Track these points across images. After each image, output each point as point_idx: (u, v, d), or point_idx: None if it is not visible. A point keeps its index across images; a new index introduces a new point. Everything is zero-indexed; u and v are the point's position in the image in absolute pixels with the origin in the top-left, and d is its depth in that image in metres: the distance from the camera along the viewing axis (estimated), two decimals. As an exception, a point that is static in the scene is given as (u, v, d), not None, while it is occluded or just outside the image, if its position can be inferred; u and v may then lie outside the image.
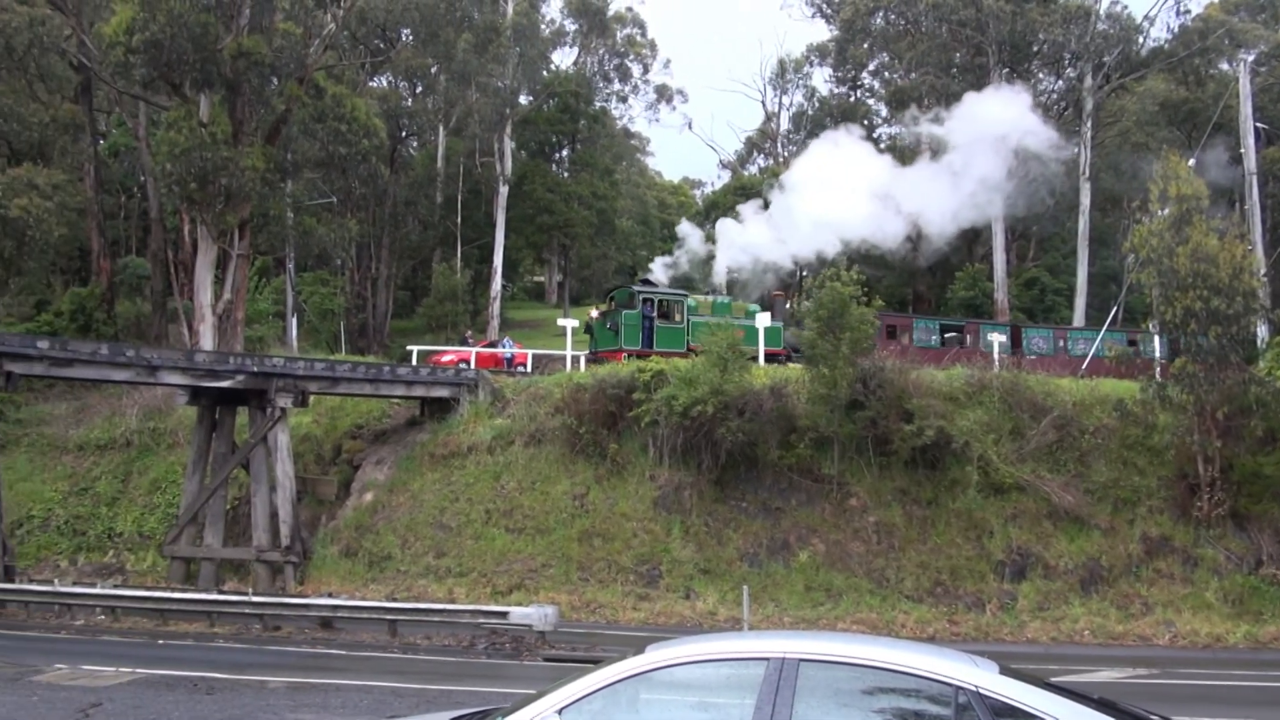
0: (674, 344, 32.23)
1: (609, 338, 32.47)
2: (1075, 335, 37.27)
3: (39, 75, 37.57)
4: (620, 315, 32.19)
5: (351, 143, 34.71)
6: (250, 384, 24.63)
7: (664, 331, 32.37)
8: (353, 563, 24.88)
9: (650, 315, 32.25)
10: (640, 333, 31.96)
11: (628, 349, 31.40)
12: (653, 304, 32.53)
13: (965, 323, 38.22)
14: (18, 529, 27.84)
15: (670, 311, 32.75)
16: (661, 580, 22.96)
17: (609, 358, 31.43)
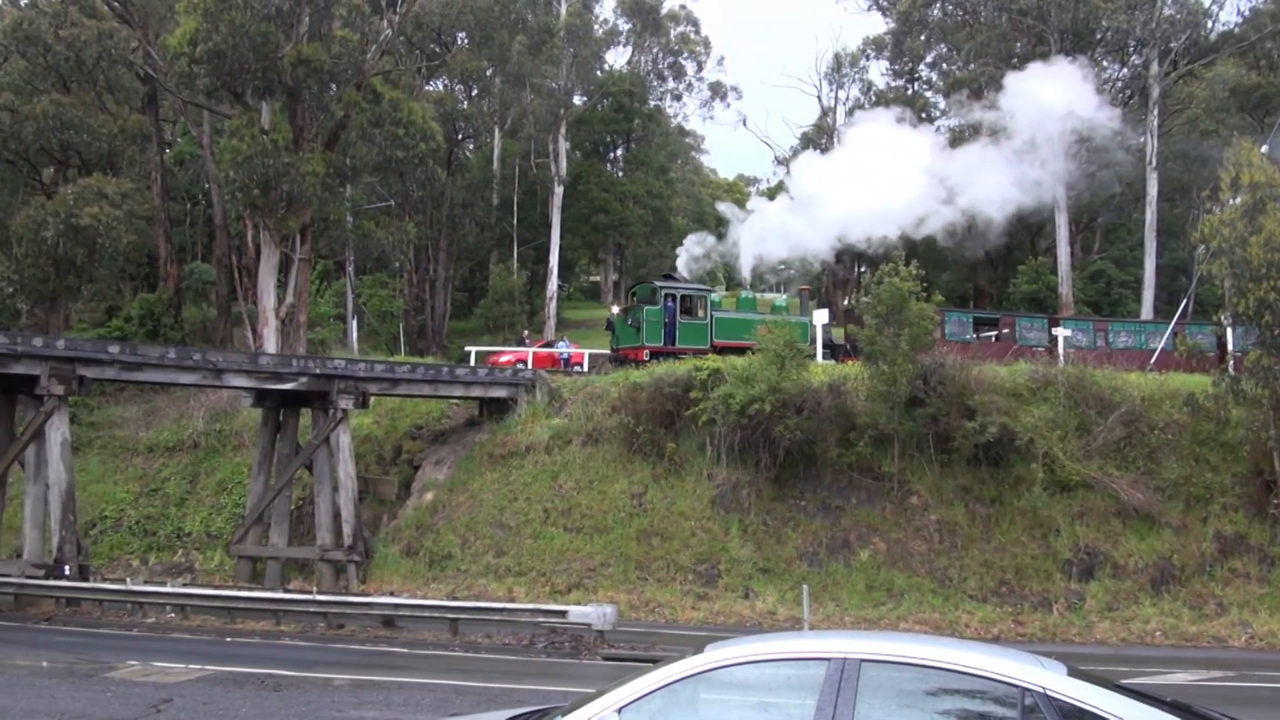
0: (697, 341, 31.55)
1: (630, 335, 31.86)
2: (1118, 328, 36.25)
3: (107, 87, 38.57)
4: (642, 312, 31.50)
5: (409, 146, 35.09)
6: (313, 386, 25.02)
7: (687, 328, 31.65)
8: (414, 562, 25.15)
9: (673, 311, 31.57)
10: (662, 329, 31.33)
11: (649, 346, 30.89)
12: (675, 300, 31.79)
13: (1000, 316, 37.26)
14: (91, 529, 28.63)
15: (693, 307, 32.04)
16: (720, 579, 22.85)
17: (630, 355, 31.19)
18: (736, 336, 31.94)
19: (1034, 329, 34.08)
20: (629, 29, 54.24)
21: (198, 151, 44.55)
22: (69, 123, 35.17)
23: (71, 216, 32.81)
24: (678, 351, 30.90)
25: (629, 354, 31.39)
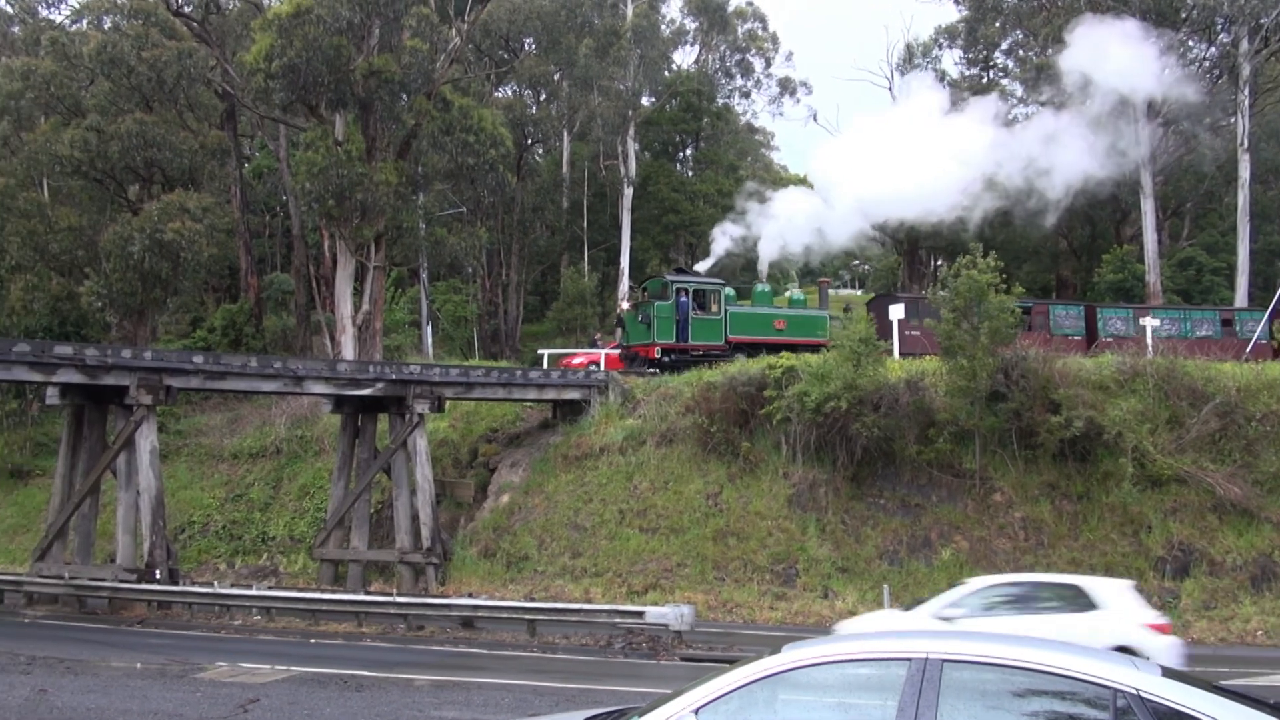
0: (711, 337, 30.80)
1: (641, 331, 30.96)
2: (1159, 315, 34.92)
3: (188, 105, 39.70)
4: (652, 307, 30.58)
5: (479, 153, 35.41)
6: (389, 391, 25.36)
7: (700, 324, 30.78)
8: (491, 563, 25.34)
9: (686, 306, 30.67)
10: (674, 325, 30.43)
11: (660, 343, 30.15)
12: (688, 294, 30.84)
13: (1033, 303, 36.15)
14: (180, 534, 29.45)
15: (707, 302, 31.09)
16: (798, 579, 22.55)
17: (640, 353, 30.61)
18: (753, 332, 31.50)
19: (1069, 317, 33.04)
20: (696, 28, 54.07)
21: (275, 164, 45.63)
22: (152, 141, 36.26)
23: (156, 232, 33.82)
24: (690, 348, 30.41)
25: (640, 351, 30.70)
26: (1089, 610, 12.82)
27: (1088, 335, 33.90)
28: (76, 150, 35.39)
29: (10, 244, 36.27)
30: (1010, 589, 13.67)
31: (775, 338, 31.50)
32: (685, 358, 30.45)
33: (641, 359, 30.67)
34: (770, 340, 31.29)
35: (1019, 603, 13.21)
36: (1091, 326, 33.94)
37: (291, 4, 32.12)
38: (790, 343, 31.50)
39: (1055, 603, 13.19)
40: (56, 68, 36.39)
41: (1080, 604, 13.00)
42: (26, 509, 33.71)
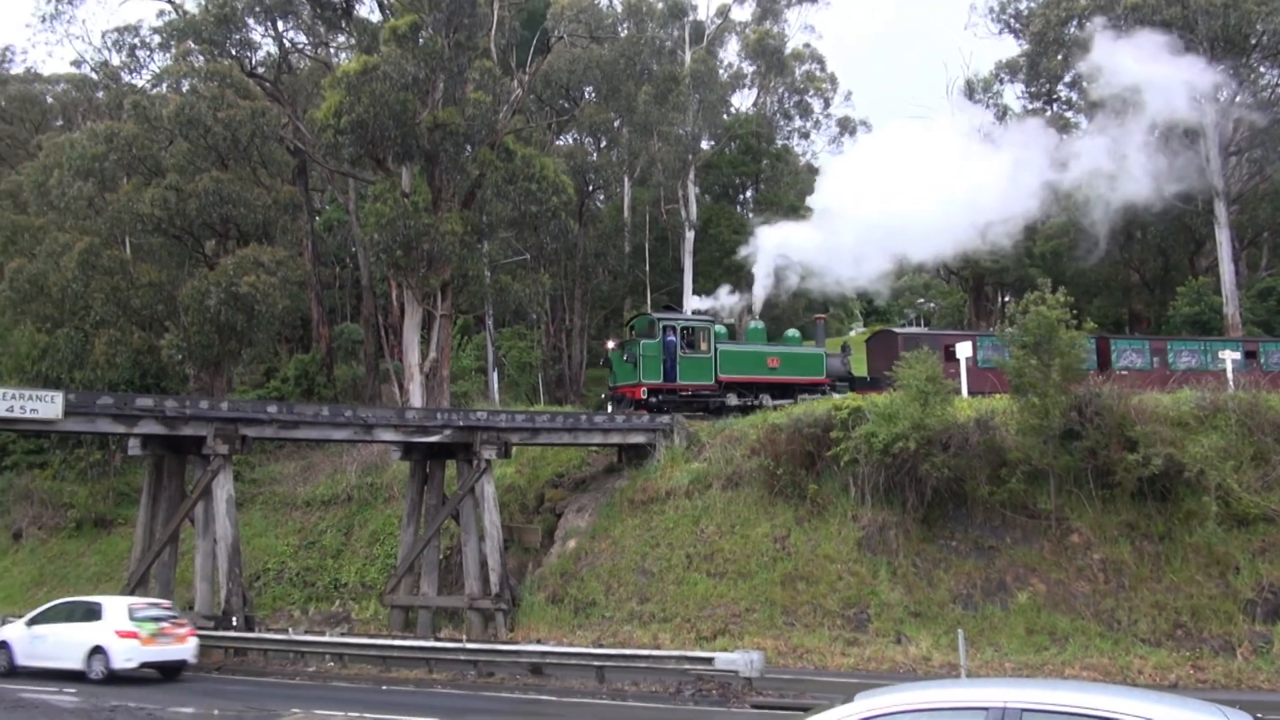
0: (701, 376, 29.97)
1: (627, 371, 30.03)
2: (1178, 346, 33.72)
3: (261, 162, 40.99)
4: (638, 346, 29.70)
5: (542, 201, 35.93)
6: (457, 438, 25.65)
7: (689, 362, 29.90)
8: (559, 609, 25.30)
9: (673, 345, 29.85)
10: (661, 365, 29.56)
11: (647, 383, 29.28)
12: (676, 332, 29.96)
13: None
14: (255, 581, 29.96)
15: (696, 340, 30.25)
16: (870, 624, 22.13)
17: (626, 394, 29.79)
18: (745, 371, 30.79)
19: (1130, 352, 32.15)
20: (753, 71, 54.36)
21: (344, 217, 46.80)
22: (228, 197, 37.47)
23: (232, 285, 34.83)
24: (678, 388, 29.73)
25: (626, 392, 29.85)
26: (95, 621, 19.00)
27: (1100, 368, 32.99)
28: (157, 209, 36.69)
29: (95, 300, 37.62)
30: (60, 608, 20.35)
31: (769, 377, 30.98)
32: (673, 398, 29.74)
33: (628, 400, 29.69)
34: (764, 380, 30.83)
35: (63, 617, 19.70)
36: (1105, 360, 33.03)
37: (359, 62, 33.14)
38: (785, 382, 31.07)
39: (80, 616, 19.37)
40: (138, 130, 37.87)
41: (92, 616, 19.14)
42: (109, 557, 34.64)
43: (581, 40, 42.75)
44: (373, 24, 38.35)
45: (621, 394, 30.06)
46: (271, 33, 41.15)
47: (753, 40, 50.25)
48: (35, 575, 35.65)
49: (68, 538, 36.77)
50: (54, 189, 38.66)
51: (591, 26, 41.78)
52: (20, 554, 37.30)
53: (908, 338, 34.00)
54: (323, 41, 42.91)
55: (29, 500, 38.24)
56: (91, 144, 37.57)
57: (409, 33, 32.88)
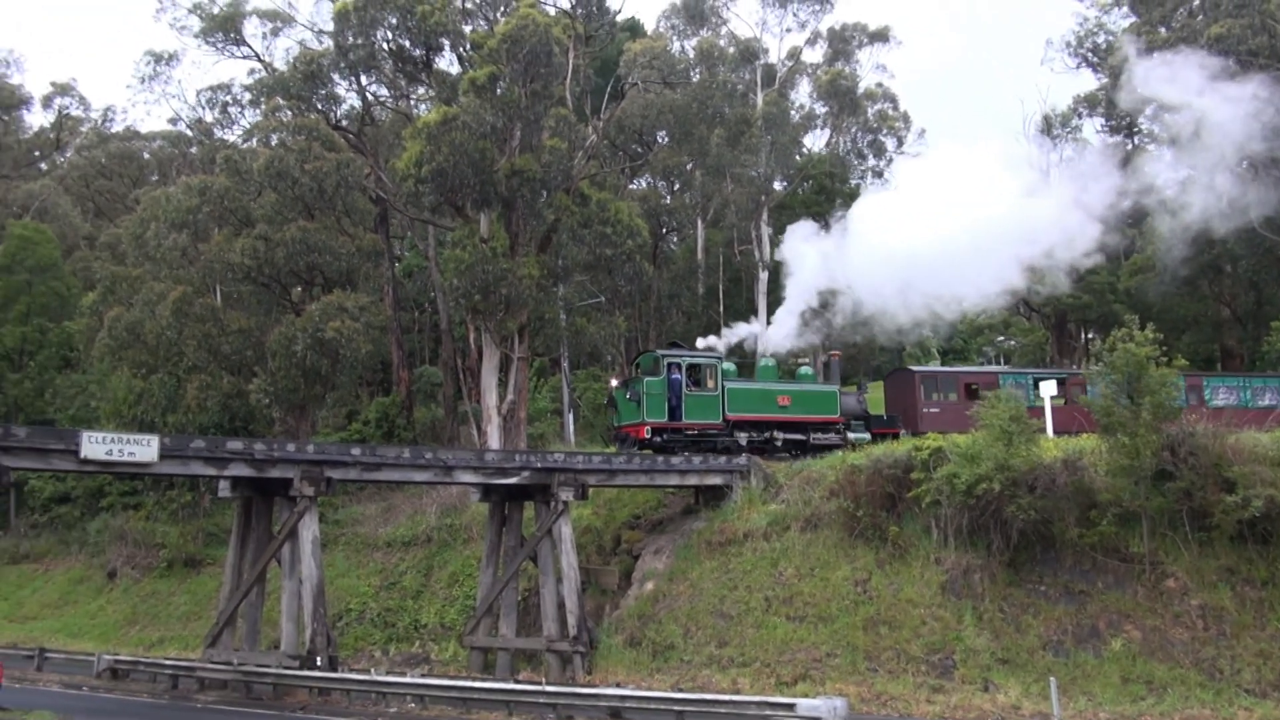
0: (707, 415, 29.23)
1: (631, 410, 29.29)
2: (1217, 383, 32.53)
3: (345, 211, 42.24)
4: (642, 384, 28.99)
5: (616, 244, 36.35)
6: (535, 479, 25.85)
7: (695, 401, 29.16)
8: (637, 652, 25.16)
9: (679, 383, 29.12)
10: (665, 403, 28.81)
11: (651, 422, 28.56)
12: (681, 370, 29.20)
13: (1068, 374, 33.65)
14: (339, 621, 30.42)
15: (702, 378, 29.49)
16: (956, 671, 21.56)
17: (630, 433, 29.10)
18: (754, 409, 30.12)
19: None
20: (825, 112, 54.48)
21: (424, 263, 47.88)
22: (313, 246, 38.65)
23: (317, 331, 35.81)
24: (684, 427, 29.04)
25: (629, 432, 29.14)
26: None
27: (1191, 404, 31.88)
28: (246, 258, 38.00)
29: (188, 346, 38.98)
30: None
31: (779, 415, 30.33)
32: (678, 438, 29.07)
33: (632, 440, 29.06)
34: (774, 418, 30.19)
35: None
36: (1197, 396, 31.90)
37: (439, 112, 34.07)
38: (796, 420, 30.40)
39: None
40: (229, 183, 39.38)
41: None
42: (199, 596, 35.53)
43: (654, 86, 43.35)
44: (452, 76, 39.42)
45: (625, 434, 29.36)
46: (355, 87, 42.60)
47: (824, 81, 50.43)
48: (129, 614, 36.71)
49: (159, 577, 37.85)
50: (150, 240, 40.36)
51: (664, 72, 42.35)
52: (114, 593, 38.48)
53: (925, 376, 33.35)
54: (404, 94, 44.22)
55: (123, 540, 39.55)
56: (186, 197, 39.16)
57: (487, 83, 33.74)
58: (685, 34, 52.55)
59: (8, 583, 39.93)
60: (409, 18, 36.70)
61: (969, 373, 33.92)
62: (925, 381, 32.70)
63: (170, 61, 49.47)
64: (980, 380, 32.97)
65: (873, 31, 54.15)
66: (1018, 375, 33.58)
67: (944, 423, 31.69)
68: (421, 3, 36.52)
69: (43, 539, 43.59)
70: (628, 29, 50.46)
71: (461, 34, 38.55)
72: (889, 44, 54.34)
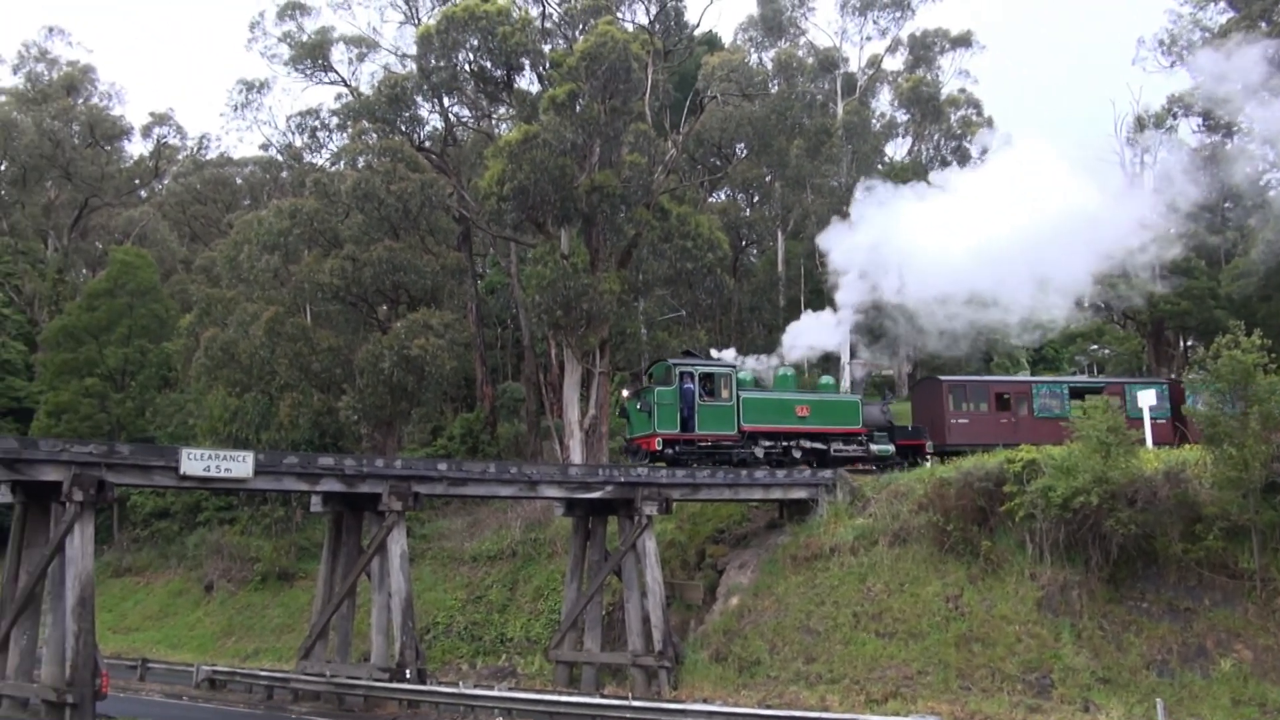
0: (721, 425, 28.15)
1: (642, 421, 28.22)
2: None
3: (429, 230, 43.02)
4: (653, 394, 27.86)
5: (696, 258, 36.31)
6: (618, 494, 25.85)
7: (709, 411, 28.06)
8: (723, 668, 24.92)
9: (691, 393, 28.09)
10: (678, 414, 27.74)
11: (662, 433, 27.48)
12: (694, 379, 28.16)
13: (1106, 383, 32.07)
14: (426, 634, 30.81)
15: (716, 387, 28.38)
16: (1054, 690, 20.85)
17: (642, 445, 28.19)
18: (771, 420, 29.07)
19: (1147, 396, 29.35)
20: (907, 119, 53.78)
21: (506, 280, 48.45)
22: (399, 265, 39.44)
23: (403, 348, 36.47)
24: (697, 439, 27.99)
25: (641, 444, 28.21)
26: None
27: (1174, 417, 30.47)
28: (335, 278, 38.94)
29: (280, 365, 40.05)
30: None
31: (797, 426, 29.24)
32: (692, 449, 28.10)
33: (643, 452, 28.23)
34: (792, 429, 29.15)
35: None
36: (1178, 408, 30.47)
37: (520, 131, 34.51)
38: (816, 431, 29.38)
39: None
40: (318, 205, 40.43)
41: None
42: (292, 609, 36.35)
43: (733, 98, 43.29)
44: (532, 95, 39.91)
45: (638, 446, 28.58)
46: (438, 108, 43.38)
47: (906, 88, 49.80)
48: (225, 626, 37.73)
49: (254, 590, 38.84)
50: (244, 263, 41.63)
51: (742, 84, 42.26)
52: (211, 605, 39.60)
53: (953, 385, 32.08)
54: (485, 114, 44.92)
55: (219, 554, 40.71)
56: (277, 220, 40.32)
57: (567, 101, 34.07)
58: (763, 46, 52.43)
59: (111, 595, 41.37)
60: (490, 39, 37.27)
61: (1000, 382, 32.81)
62: (954, 391, 31.53)
63: (261, 89, 51.07)
64: (1012, 390, 31.90)
65: (955, 37, 53.33)
66: (1053, 385, 32.35)
67: (973, 434, 30.78)
68: (502, 24, 37.07)
69: (144, 553, 45.12)
70: (705, 43, 50.48)
71: (541, 53, 39.03)
72: (971, 49, 53.46)
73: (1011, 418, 30.54)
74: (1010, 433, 30.52)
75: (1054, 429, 29.79)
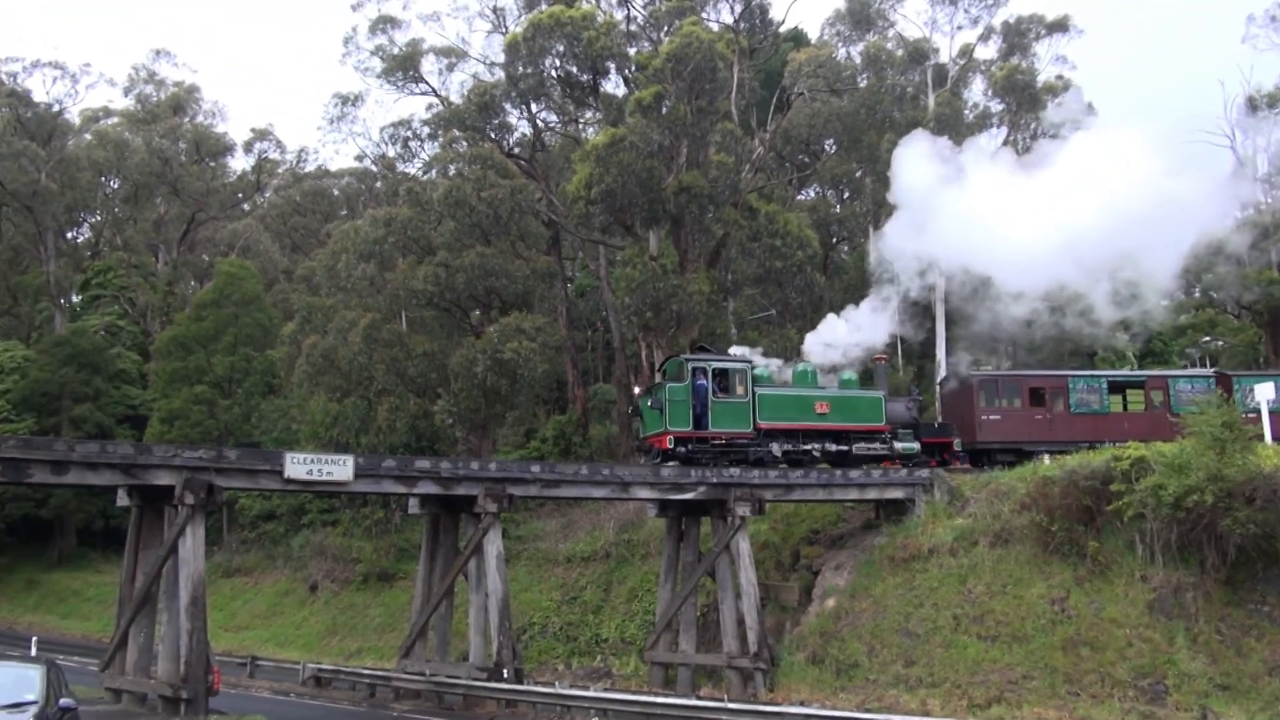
0: (736, 423, 27.08)
1: (654, 419, 27.26)
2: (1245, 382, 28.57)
3: (519, 235, 43.54)
4: (664, 391, 26.95)
5: (786, 256, 35.99)
6: (711, 495, 25.74)
7: (724, 408, 27.01)
8: (820, 670, 24.61)
9: (704, 389, 27.03)
10: (690, 411, 26.69)
11: (674, 431, 26.44)
12: (708, 375, 27.15)
13: (1149, 376, 30.27)
14: (522, 634, 31.14)
15: (731, 384, 27.29)
16: (1168, 697, 20.04)
17: (654, 444, 27.27)
18: (788, 417, 27.92)
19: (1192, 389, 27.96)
20: (1002, 109, 52.34)
21: (595, 283, 48.74)
22: (490, 270, 39.99)
23: (496, 352, 36.97)
24: (710, 437, 26.93)
25: (653, 443, 27.31)
26: None
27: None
28: (429, 284, 39.69)
29: (377, 370, 41.00)
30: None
31: (817, 423, 28.12)
32: (705, 448, 27.09)
33: (655, 451, 27.35)
34: (811, 426, 28.07)
35: None
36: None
37: (607, 134, 34.69)
38: (836, 429, 28.30)
39: None
40: (412, 213, 41.28)
41: None
42: (392, 609, 37.15)
43: (820, 94, 42.76)
44: (618, 98, 40.08)
45: (650, 444, 27.82)
46: (526, 115, 43.88)
47: (1000, 77, 48.46)
48: (329, 625, 38.76)
49: (356, 590, 39.81)
50: (341, 271, 42.71)
51: (830, 80, 41.70)
52: (316, 605, 40.72)
53: (984, 381, 30.78)
54: (572, 118, 45.27)
55: (323, 555, 41.84)
56: (372, 229, 41.29)
57: (653, 103, 34.13)
58: (850, 40, 51.57)
59: (222, 594, 42.87)
60: (575, 44, 37.55)
61: (1035, 376, 31.49)
62: (985, 387, 30.36)
63: (355, 102, 52.36)
64: (1047, 384, 30.53)
65: (1050, 22, 51.65)
66: (1090, 379, 30.89)
67: (1006, 432, 29.69)
68: (587, 28, 37.31)
69: (251, 554, 46.68)
70: (791, 39, 49.99)
71: (626, 56, 39.16)
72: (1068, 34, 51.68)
73: (1046, 414, 29.46)
74: (1045, 430, 29.61)
75: (1092, 425, 28.82)
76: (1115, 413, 29.91)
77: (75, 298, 64.05)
